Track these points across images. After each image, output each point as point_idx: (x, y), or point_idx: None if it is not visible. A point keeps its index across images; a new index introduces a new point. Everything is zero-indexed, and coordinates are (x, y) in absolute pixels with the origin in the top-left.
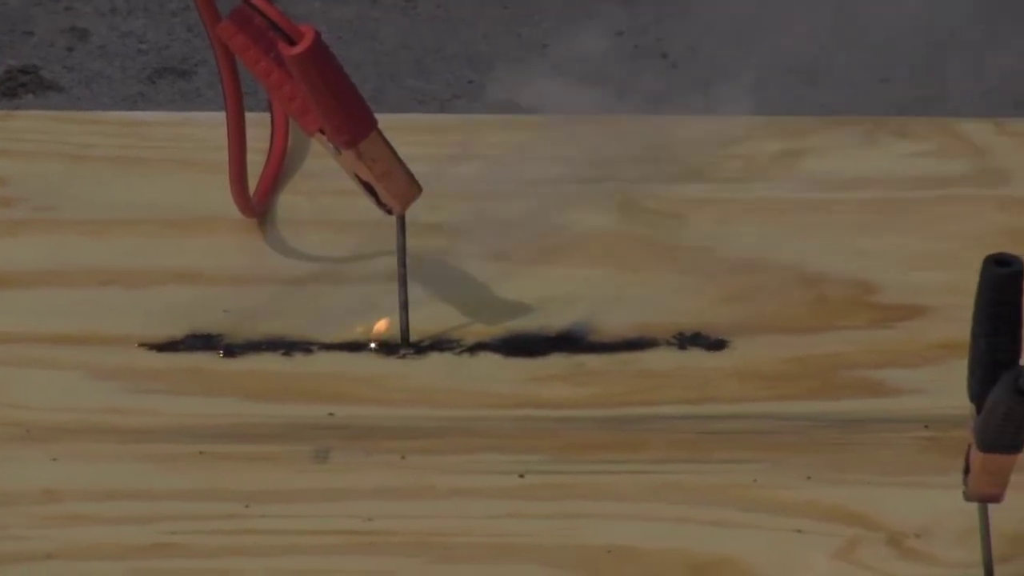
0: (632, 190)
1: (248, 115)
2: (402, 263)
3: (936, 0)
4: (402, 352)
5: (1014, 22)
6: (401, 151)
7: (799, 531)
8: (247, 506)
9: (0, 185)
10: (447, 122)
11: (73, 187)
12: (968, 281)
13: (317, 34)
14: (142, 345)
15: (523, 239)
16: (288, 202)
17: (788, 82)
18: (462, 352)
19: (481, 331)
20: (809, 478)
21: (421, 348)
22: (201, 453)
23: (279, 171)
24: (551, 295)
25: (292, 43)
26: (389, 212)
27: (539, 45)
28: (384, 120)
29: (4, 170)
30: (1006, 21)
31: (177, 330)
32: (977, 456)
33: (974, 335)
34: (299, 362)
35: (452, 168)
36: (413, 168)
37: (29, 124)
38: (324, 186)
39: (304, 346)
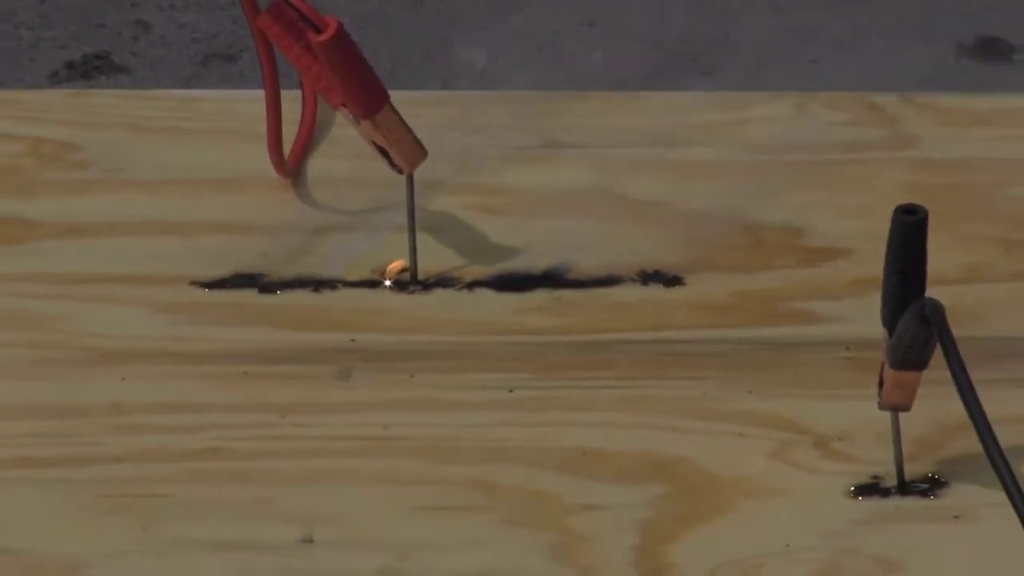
0: (602, 154)
1: (283, 92)
2: (411, 215)
3: None
4: (411, 289)
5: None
6: (409, 121)
7: (741, 435)
8: (283, 416)
9: (76, 151)
10: (446, 97)
11: (136, 153)
12: (882, 228)
13: (340, 24)
14: (194, 283)
15: (512, 195)
16: (317, 164)
17: None
18: (461, 288)
19: (477, 271)
20: (750, 392)
21: (427, 285)
22: (244, 373)
23: (309, 139)
24: (535, 241)
25: (319, 32)
26: (400, 172)
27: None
28: (395, 95)
29: (80, 138)
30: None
31: (223, 271)
32: (889, 373)
33: (886, 273)
34: (326, 297)
35: (451, 135)
36: (419, 135)
37: (101, 100)
38: (346, 151)
39: (330, 284)
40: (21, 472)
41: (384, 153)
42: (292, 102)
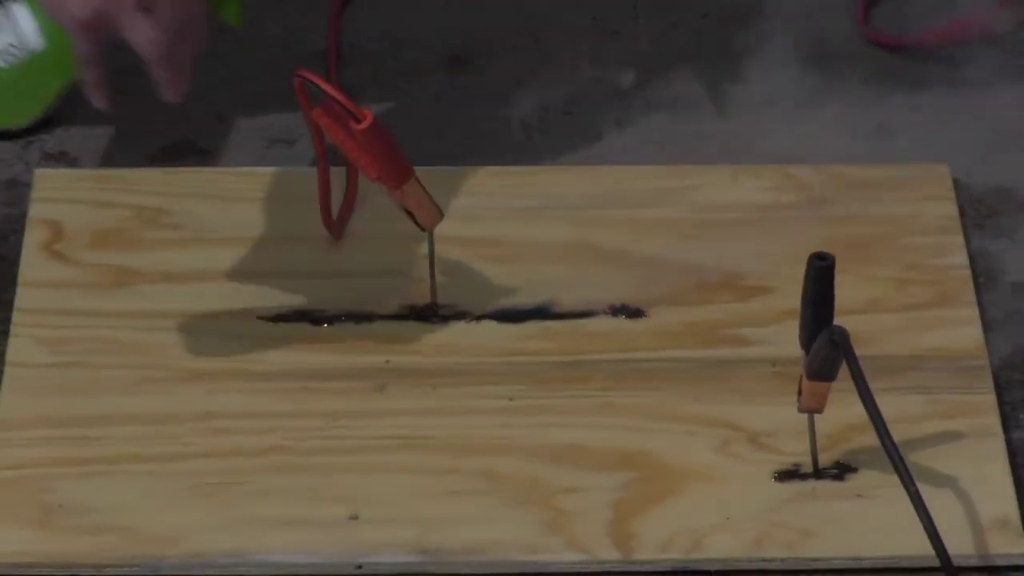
0: (578, 215)
1: (331, 169)
2: (432, 263)
3: None
4: (433, 320)
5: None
6: (428, 189)
7: (691, 433)
8: (333, 421)
9: (169, 215)
10: (454, 172)
11: (216, 216)
12: (799, 271)
13: (374, 116)
14: (260, 318)
15: (508, 247)
16: (358, 224)
17: None
18: (471, 320)
19: (483, 307)
20: (697, 399)
21: (445, 318)
22: (303, 388)
23: (352, 204)
24: (527, 283)
25: (358, 122)
26: (423, 230)
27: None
28: (417, 170)
29: (171, 205)
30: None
31: (284, 308)
32: (806, 384)
33: (803, 306)
34: (365, 328)
35: (457, 200)
36: (437, 200)
37: (188, 176)
38: (381, 213)
39: (368, 317)
40: (129, 466)
41: (410, 215)
42: (338, 176)
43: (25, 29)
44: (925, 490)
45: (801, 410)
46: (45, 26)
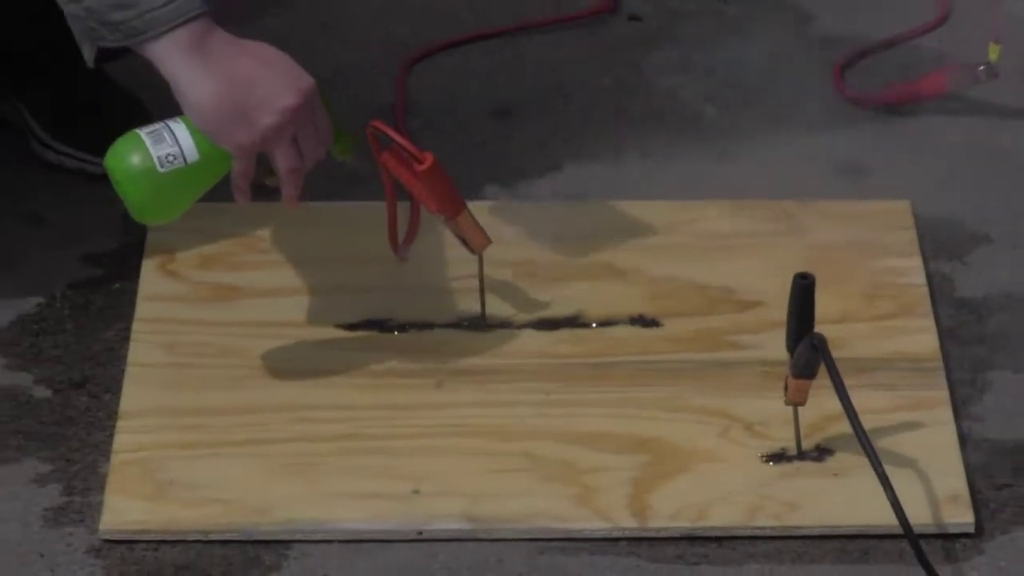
0: (602, 242)
1: (398, 203)
2: (481, 281)
3: None
4: (481, 328)
5: None
6: (479, 220)
7: (697, 423)
8: (400, 411)
9: (262, 241)
10: (499, 206)
11: (305, 243)
12: (785, 287)
13: (434, 157)
14: (338, 326)
15: (545, 267)
16: (419, 248)
17: None
18: (513, 328)
19: (523, 317)
20: (701, 394)
21: (491, 326)
22: (375, 384)
23: (414, 232)
24: (560, 297)
25: (420, 163)
26: (473, 253)
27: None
28: (469, 204)
29: (265, 233)
30: None
31: (358, 318)
32: (791, 381)
33: (789, 316)
34: (426, 334)
35: (502, 229)
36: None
37: (280, 209)
38: (438, 240)
39: (428, 325)
40: (229, 449)
41: (463, 241)
42: (403, 208)
43: (184, 144)
44: (890, 470)
45: (787, 403)
46: (200, 144)
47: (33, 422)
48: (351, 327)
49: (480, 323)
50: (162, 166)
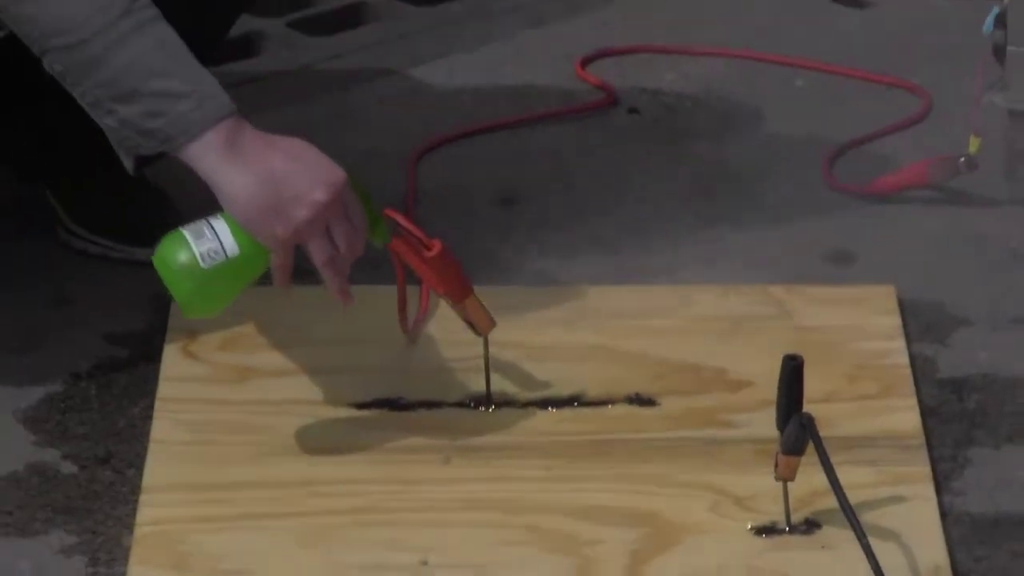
0: (602, 324)
1: (408, 287)
2: (487, 361)
3: None
4: (488, 407)
5: None
6: (485, 303)
7: (690, 497)
8: (409, 486)
9: (279, 323)
10: (505, 290)
11: (317, 327)
12: (775, 368)
13: (443, 244)
14: (350, 404)
15: (549, 350)
16: (428, 331)
17: None
18: (518, 407)
19: (527, 396)
20: (695, 470)
21: (497, 404)
22: (386, 460)
23: (424, 314)
24: (563, 378)
25: (429, 250)
26: (479, 335)
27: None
28: (475, 288)
29: (283, 315)
30: None
31: (369, 397)
32: (780, 457)
33: (778, 395)
34: (434, 412)
35: (507, 312)
36: (491, 311)
37: (297, 292)
38: (447, 322)
39: (437, 404)
40: (247, 522)
41: (470, 323)
42: (413, 292)
43: (224, 240)
44: (875, 543)
45: (777, 479)
46: (240, 238)
47: (60, 496)
48: (363, 406)
49: (486, 402)
50: (204, 262)
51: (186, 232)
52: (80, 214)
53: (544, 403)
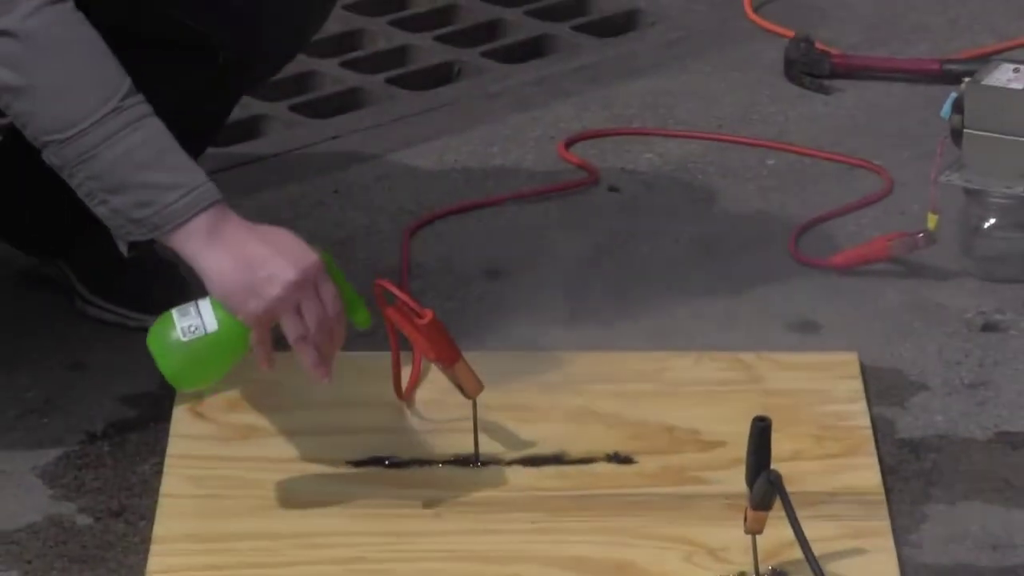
0: (583, 388)
1: (401, 352)
2: (475, 423)
3: None
4: (476, 464)
5: None
6: (472, 366)
7: (663, 548)
8: (400, 538)
9: (280, 387)
10: (492, 355)
11: (316, 387)
12: (745, 429)
13: (434, 313)
14: (348, 463)
15: (533, 411)
16: (421, 393)
17: None
18: (504, 464)
19: (512, 455)
20: (670, 523)
21: (484, 463)
22: (379, 514)
23: (416, 378)
24: (545, 437)
25: (421, 318)
26: (468, 397)
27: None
28: (464, 354)
29: (283, 379)
30: None
31: (365, 455)
32: (750, 512)
33: (748, 454)
34: (425, 469)
35: (494, 376)
36: (479, 375)
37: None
38: (437, 386)
39: (428, 462)
40: (249, 571)
41: (459, 387)
42: (405, 358)
43: (205, 317)
44: None
45: (747, 532)
46: (221, 316)
47: (76, 547)
48: (358, 463)
49: (474, 460)
50: (184, 335)
51: (175, 312)
52: (95, 285)
53: (529, 461)
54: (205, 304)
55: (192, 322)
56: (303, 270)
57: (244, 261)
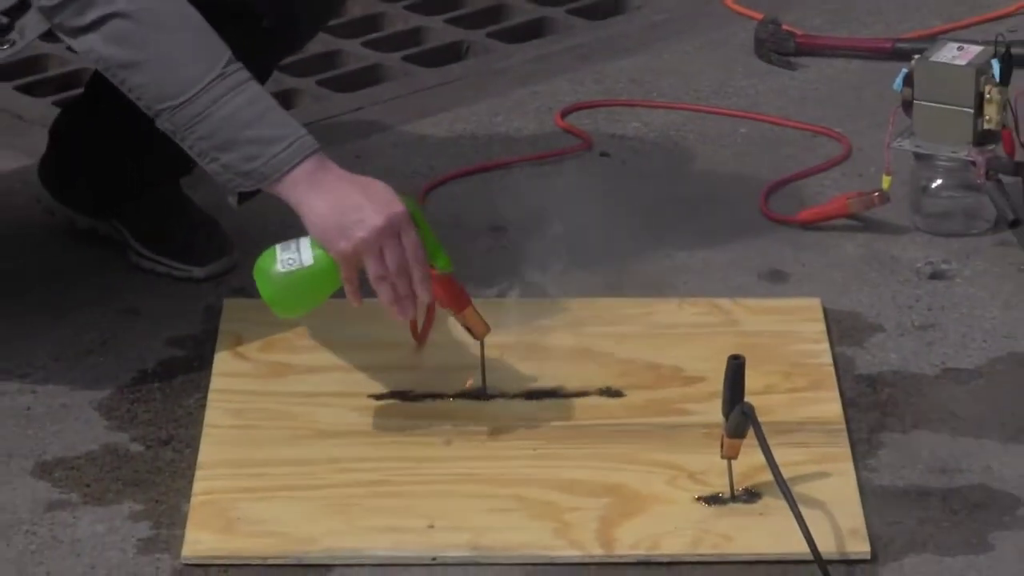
0: (579, 330)
1: None
2: (482, 360)
3: None
4: (483, 398)
5: None
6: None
7: (650, 472)
8: (417, 463)
9: (311, 330)
10: (497, 302)
11: (344, 330)
12: (721, 366)
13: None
14: (369, 396)
15: (533, 349)
16: (434, 336)
17: None
18: (507, 398)
19: (516, 389)
20: (655, 450)
21: (491, 396)
22: (398, 442)
23: (431, 322)
24: (545, 374)
25: (434, 269)
26: (476, 339)
27: None
28: (473, 300)
29: (313, 323)
30: None
31: (384, 389)
32: (726, 440)
33: (724, 389)
34: (439, 403)
35: (499, 320)
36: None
37: (326, 304)
38: (449, 329)
39: (442, 396)
40: (283, 493)
41: (468, 329)
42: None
43: (303, 252)
44: (804, 510)
45: (723, 457)
46: (318, 254)
47: (129, 471)
48: (379, 397)
49: (482, 394)
50: (283, 267)
51: (278, 246)
52: (146, 239)
53: (530, 395)
54: (304, 241)
55: (291, 256)
56: (389, 217)
57: (338, 205)
